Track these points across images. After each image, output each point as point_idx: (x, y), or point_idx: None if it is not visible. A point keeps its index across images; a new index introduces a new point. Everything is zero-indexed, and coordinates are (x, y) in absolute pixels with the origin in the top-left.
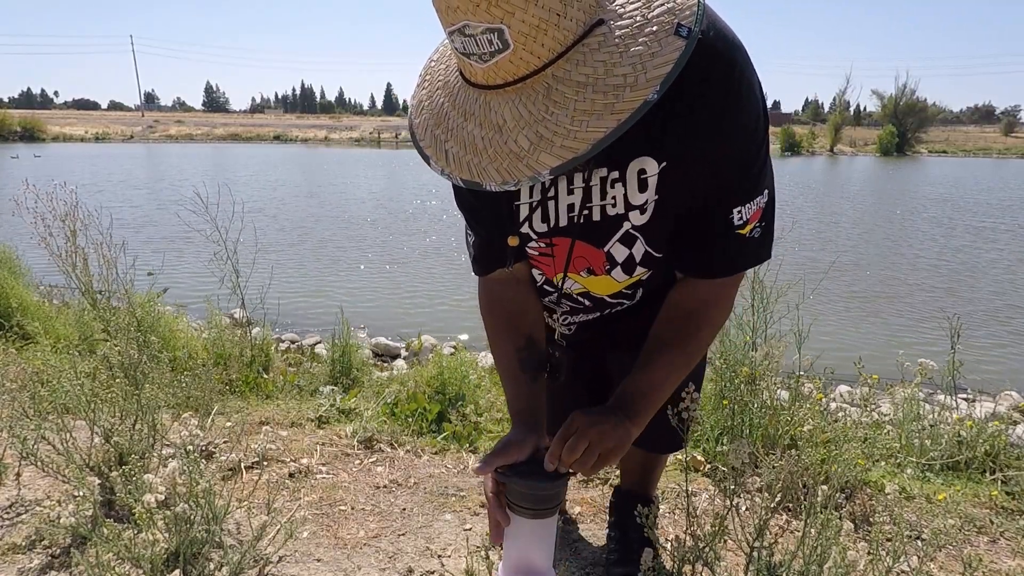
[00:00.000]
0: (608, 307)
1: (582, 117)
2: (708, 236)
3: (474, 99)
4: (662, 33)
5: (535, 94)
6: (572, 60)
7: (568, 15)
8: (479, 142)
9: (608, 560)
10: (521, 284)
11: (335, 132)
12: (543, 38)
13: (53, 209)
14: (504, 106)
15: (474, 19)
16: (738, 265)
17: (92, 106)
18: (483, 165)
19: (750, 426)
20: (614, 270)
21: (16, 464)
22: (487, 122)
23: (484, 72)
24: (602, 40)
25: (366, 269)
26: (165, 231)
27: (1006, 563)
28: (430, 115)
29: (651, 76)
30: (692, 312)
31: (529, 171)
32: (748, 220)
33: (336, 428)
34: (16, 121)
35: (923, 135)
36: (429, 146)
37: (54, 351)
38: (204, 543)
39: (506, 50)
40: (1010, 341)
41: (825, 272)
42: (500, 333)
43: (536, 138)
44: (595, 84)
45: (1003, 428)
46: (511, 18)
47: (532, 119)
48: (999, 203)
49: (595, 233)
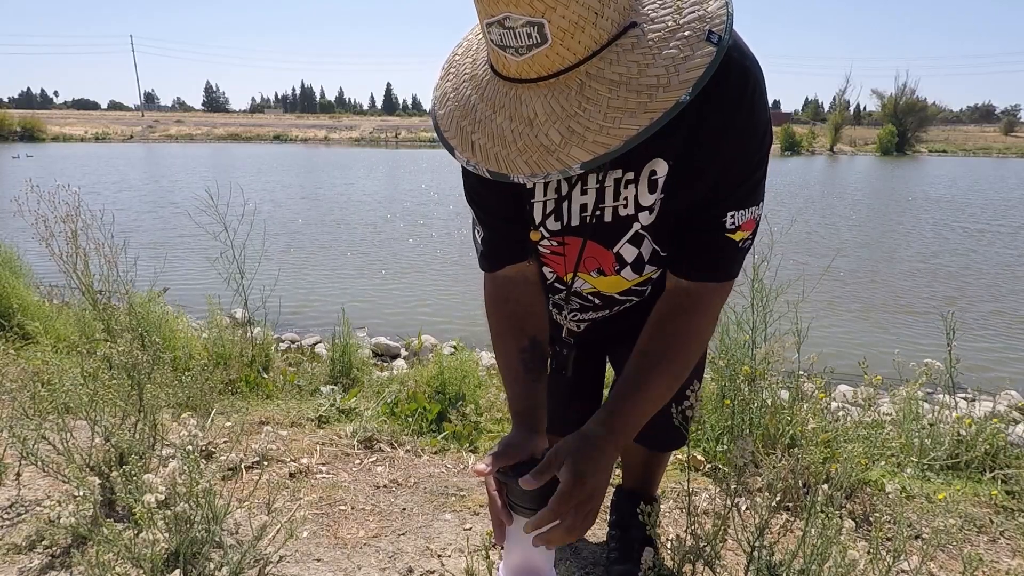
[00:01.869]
0: (617, 304)
1: (615, 114)
2: (699, 235)
3: (504, 92)
4: (694, 38)
5: (568, 90)
6: (606, 59)
7: (605, 15)
8: (508, 134)
9: (608, 559)
10: (529, 283)
11: (335, 132)
12: (580, 35)
13: (55, 210)
14: (536, 100)
15: (516, 11)
16: (721, 268)
17: (92, 106)
18: (512, 157)
19: (751, 425)
20: (624, 270)
21: (16, 464)
22: (518, 115)
23: (518, 66)
24: (635, 41)
25: (366, 269)
26: (165, 231)
27: (1006, 562)
28: (456, 106)
29: (684, 78)
30: (677, 328)
31: (560, 164)
32: (740, 227)
33: (336, 428)
34: (16, 121)
35: (923, 134)
36: (454, 137)
37: (54, 351)
38: (204, 543)
39: (544, 44)
40: (1010, 341)
41: (824, 269)
42: (504, 332)
43: (568, 132)
44: (628, 83)
45: (1003, 427)
46: (553, 13)
47: (564, 114)
48: (999, 203)
49: (606, 234)
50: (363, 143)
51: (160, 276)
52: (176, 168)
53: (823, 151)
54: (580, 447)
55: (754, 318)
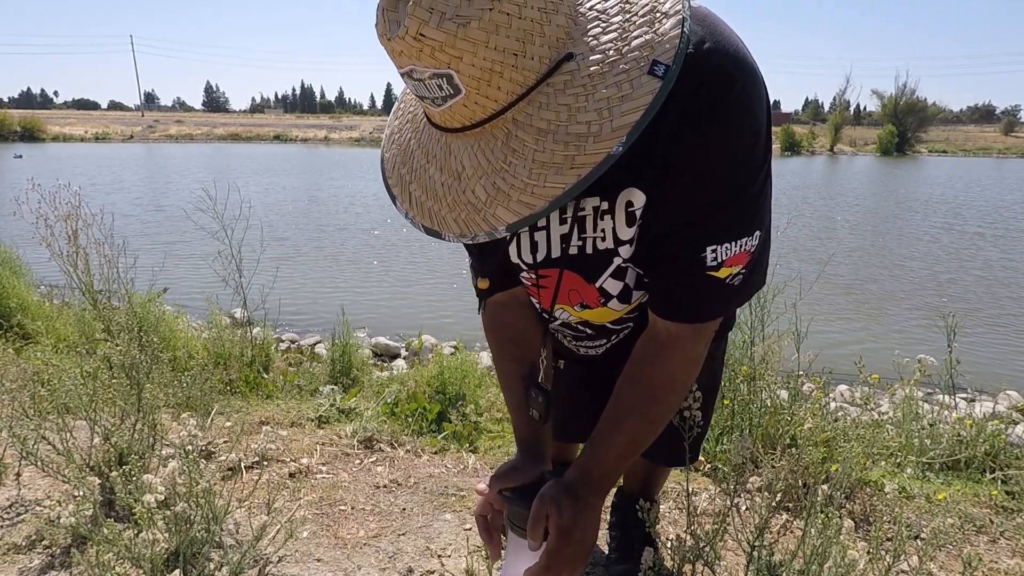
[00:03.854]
0: (613, 333)
1: (540, 170)
2: (674, 272)
3: (436, 140)
4: (635, 72)
5: (494, 140)
6: (535, 102)
7: (528, 53)
8: (439, 188)
9: (609, 559)
10: (523, 307)
11: (335, 132)
12: (499, 80)
13: (54, 209)
14: (464, 151)
15: (419, 64)
16: (703, 313)
17: (92, 106)
18: (443, 214)
19: (750, 425)
20: (610, 301)
21: (16, 464)
22: (447, 167)
23: (440, 115)
24: (569, 80)
25: (366, 268)
26: (165, 231)
27: (1006, 562)
28: (398, 151)
29: (617, 125)
30: (650, 377)
31: (486, 225)
32: (725, 262)
33: (336, 428)
34: (16, 121)
35: (923, 135)
36: (396, 184)
37: (54, 351)
38: (204, 543)
39: (458, 95)
40: (1010, 341)
41: (822, 270)
42: (504, 358)
43: (493, 190)
44: (556, 132)
45: (1002, 427)
46: (459, 63)
47: (490, 168)
48: (1000, 203)
49: (586, 267)
50: (363, 143)
51: (160, 276)
52: (176, 168)
53: (823, 151)
54: (564, 500)
55: (752, 318)
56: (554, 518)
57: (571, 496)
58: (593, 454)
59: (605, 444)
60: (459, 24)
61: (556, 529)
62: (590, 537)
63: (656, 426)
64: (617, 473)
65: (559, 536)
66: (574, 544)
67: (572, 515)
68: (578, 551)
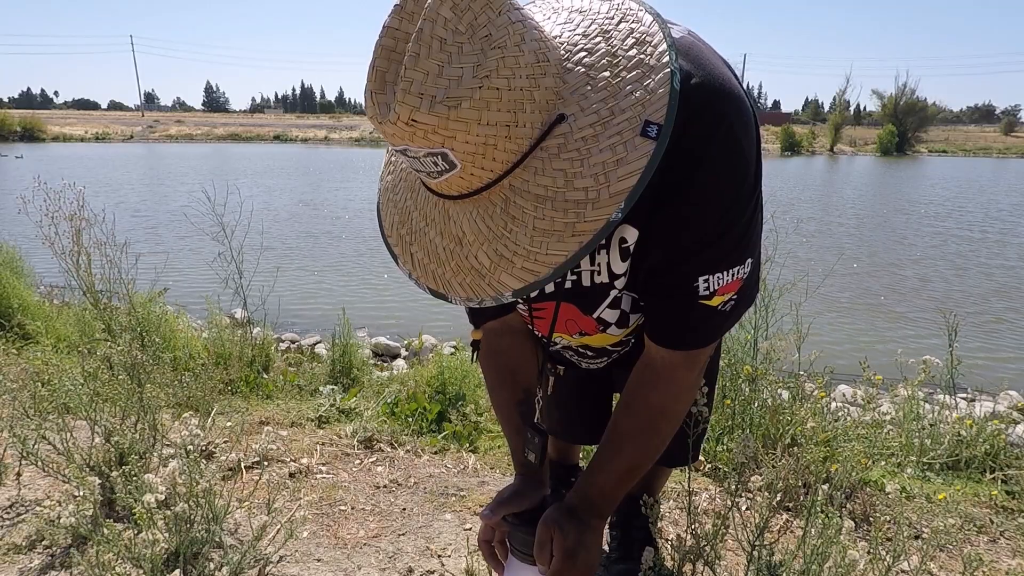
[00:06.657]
0: (614, 352)
1: (542, 238)
2: (667, 301)
3: (433, 204)
4: (628, 133)
5: (492, 207)
6: (531, 168)
7: (520, 121)
8: (441, 252)
9: (609, 558)
10: (516, 333)
11: (335, 132)
12: (493, 152)
13: (58, 208)
14: (463, 217)
15: (413, 144)
16: (700, 339)
17: (92, 106)
18: (447, 277)
19: (751, 425)
20: (608, 329)
21: (16, 464)
22: (447, 232)
23: (437, 184)
24: (562, 143)
25: (366, 268)
26: (165, 231)
27: (1006, 563)
28: (395, 209)
29: (615, 191)
30: (646, 405)
31: (492, 291)
32: (718, 291)
33: (336, 428)
34: (16, 121)
35: (923, 135)
36: (396, 244)
37: (55, 351)
38: (204, 543)
39: (454, 169)
40: (1010, 341)
41: (827, 273)
42: (498, 386)
43: (496, 256)
44: (554, 199)
45: (1003, 427)
46: (452, 141)
47: (491, 235)
48: (1000, 203)
49: (583, 300)
50: (363, 143)
51: (160, 276)
52: (176, 168)
53: (823, 151)
54: (568, 523)
55: (755, 317)
56: (559, 540)
57: (574, 519)
58: (593, 481)
59: (604, 471)
60: (450, 107)
61: (561, 551)
62: (594, 557)
63: (654, 452)
64: (618, 497)
65: (564, 558)
66: (579, 565)
67: (576, 537)
68: (584, 571)
